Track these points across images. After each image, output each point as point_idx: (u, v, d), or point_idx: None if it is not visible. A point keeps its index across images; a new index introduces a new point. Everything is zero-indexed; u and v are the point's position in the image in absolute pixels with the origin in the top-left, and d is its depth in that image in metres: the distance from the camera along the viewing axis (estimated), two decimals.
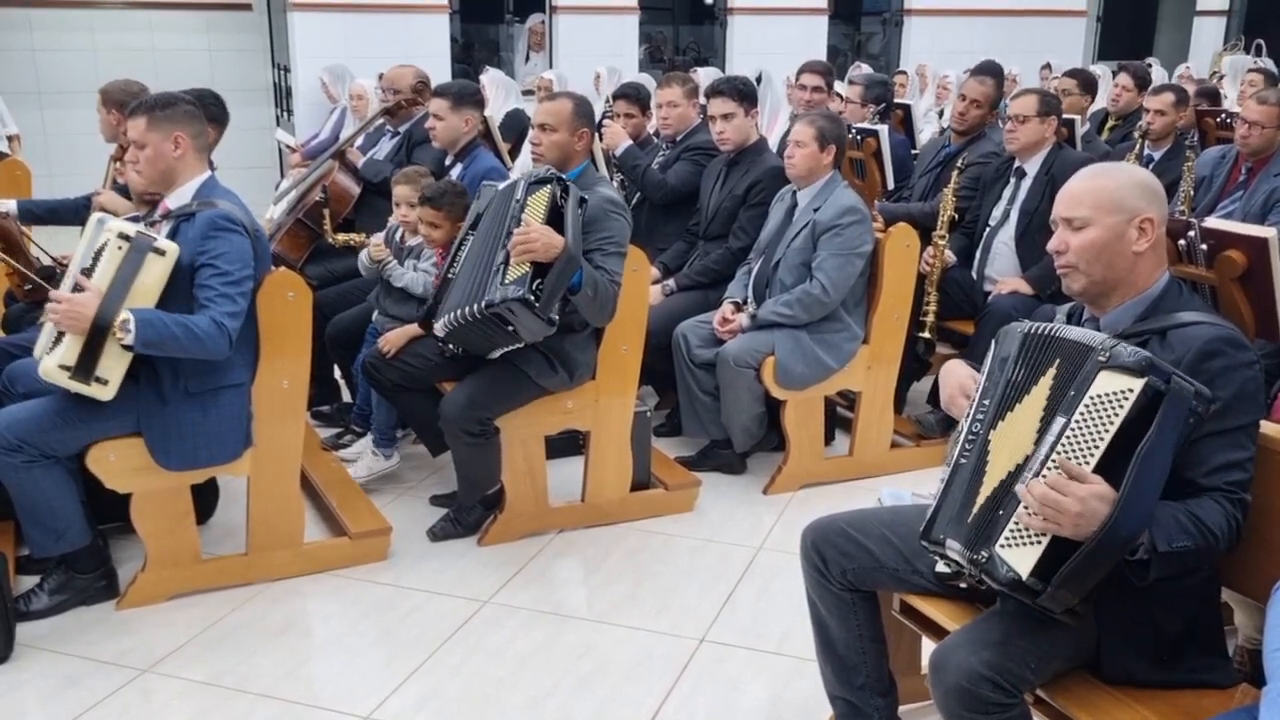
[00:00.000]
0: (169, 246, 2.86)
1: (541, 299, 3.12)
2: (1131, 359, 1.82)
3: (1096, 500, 1.78)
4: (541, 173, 3.32)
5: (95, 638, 2.98)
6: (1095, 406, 1.83)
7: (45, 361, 2.85)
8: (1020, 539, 1.86)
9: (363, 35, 8.44)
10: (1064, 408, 1.87)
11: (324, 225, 4.51)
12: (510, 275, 3.15)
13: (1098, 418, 1.83)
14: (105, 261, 2.82)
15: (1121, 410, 1.81)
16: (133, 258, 2.81)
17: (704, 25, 12.40)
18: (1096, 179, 2.07)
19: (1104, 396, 1.83)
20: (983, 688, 1.88)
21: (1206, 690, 1.99)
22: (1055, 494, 1.79)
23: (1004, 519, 1.89)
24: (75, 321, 2.78)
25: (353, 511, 3.53)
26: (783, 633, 3.05)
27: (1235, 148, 4.58)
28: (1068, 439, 1.84)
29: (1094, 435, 1.83)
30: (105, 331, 2.78)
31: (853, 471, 4.10)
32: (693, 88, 4.75)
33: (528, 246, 3.12)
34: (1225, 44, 11.98)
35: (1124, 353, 1.83)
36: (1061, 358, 1.93)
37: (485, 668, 2.89)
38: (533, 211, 3.21)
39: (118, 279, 2.80)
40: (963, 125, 4.79)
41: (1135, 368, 1.82)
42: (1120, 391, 1.82)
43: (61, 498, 2.96)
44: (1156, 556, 1.81)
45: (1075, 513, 1.78)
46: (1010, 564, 1.85)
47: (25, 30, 8.92)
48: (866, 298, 3.96)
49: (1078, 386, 1.86)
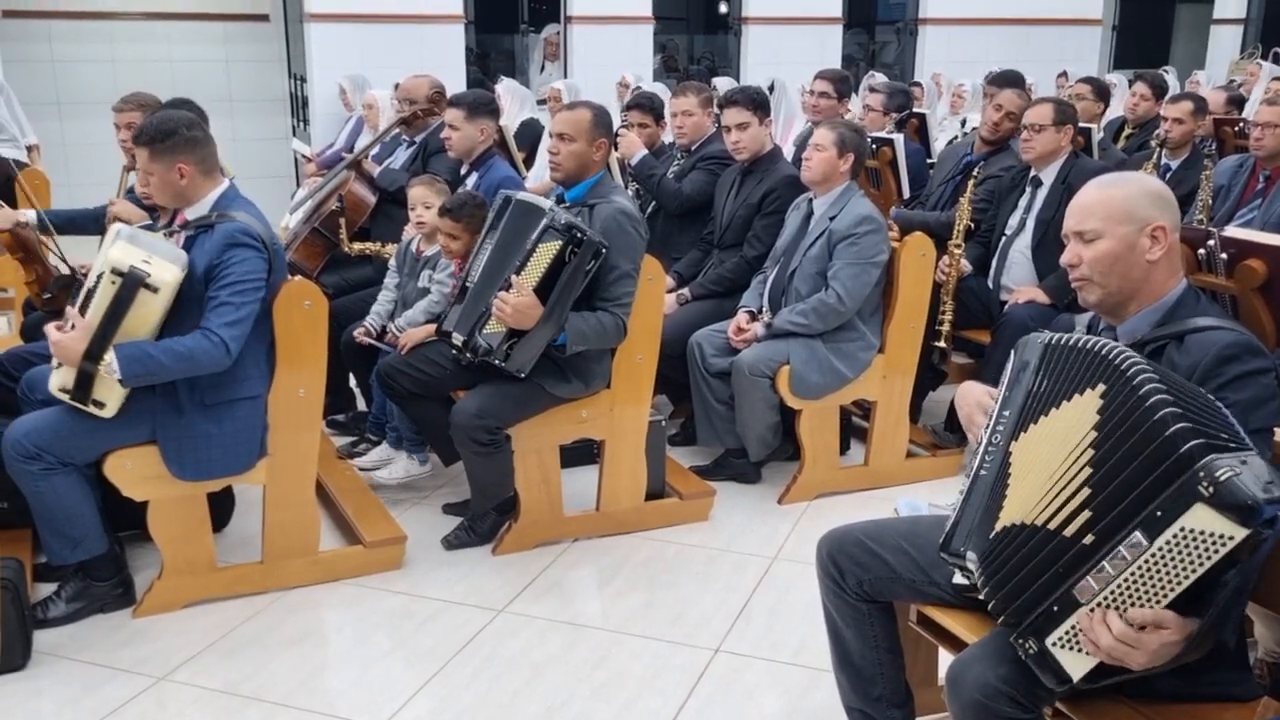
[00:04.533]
0: (164, 280, 2.83)
1: (510, 359, 3.29)
2: (1238, 504, 1.57)
3: (1169, 646, 1.71)
4: (563, 220, 3.25)
5: (112, 645, 2.99)
6: (1184, 542, 1.64)
7: (51, 378, 2.93)
8: (1077, 645, 1.77)
9: (379, 45, 8.48)
10: (1145, 524, 1.66)
11: (340, 234, 4.53)
12: (489, 327, 3.32)
13: (1184, 556, 1.64)
14: (98, 297, 2.82)
15: (1215, 555, 1.63)
16: (124, 294, 2.80)
17: (718, 35, 12.42)
18: (1105, 190, 2.06)
19: (1197, 535, 1.63)
20: (1000, 703, 1.86)
21: (1227, 704, 1.96)
22: (1124, 648, 1.70)
23: (1059, 617, 1.77)
24: (65, 358, 2.84)
25: (368, 520, 3.54)
26: (798, 643, 3.03)
27: (1253, 156, 4.55)
28: (1144, 567, 1.68)
29: (1175, 573, 1.66)
30: (93, 368, 2.82)
31: (868, 481, 4.09)
32: (708, 97, 4.75)
33: (501, 315, 3.24)
34: (1242, 52, 11.92)
35: (1231, 494, 1.58)
36: (1108, 385, 1.77)
37: (500, 677, 2.88)
38: (535, 264, 3.24)
39: (109, 316, 2.81)
40: (994, 135, 4.73)
41: (1240, 512, 1.58)
42: (1219, 536, 1.61)
43: (79, 505, 2.97)
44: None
45: (1147, 659, 1.71)
46: (1064, 666, 1.77)
47: (45, 41, 9.00)
48: (882, 307, 3.95)
49: (1166, 507, 1.64)
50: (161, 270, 2.83)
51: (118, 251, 2.80)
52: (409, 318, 3.83)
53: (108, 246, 2.95)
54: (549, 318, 3.25)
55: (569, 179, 3.56)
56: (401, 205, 4.26)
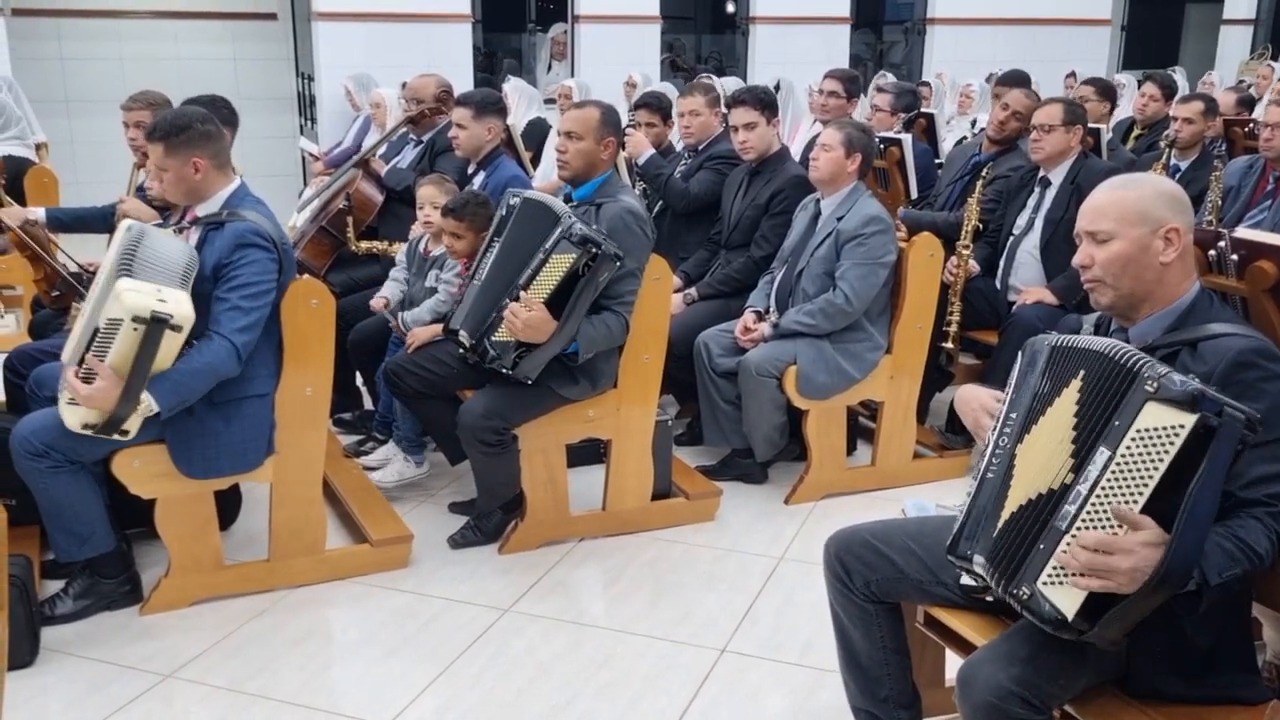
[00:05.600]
0: (185, 315, 2.75)
1: (518, 368, 3.28)
2: (1182, 392, 1.71)
3: (1148, 549, 1.72)
4: (579, 232, 3.19)
5: (119, 642, 2.99)
6: (1142, 442, 1.73)
7: (66, 417, 2.82)
8: (1063, 577, 1.79)
9: (386, 44, 8.50)
10: (1108, 439, 1.77)
11: (347, 233, 4.54)
12: (499, 335, 3.28)
13: (1145, 455, 1.73)
14: (122, 343, 2.73)
15: (1171, 448, 1.71)
16: (150, 339, 2.73)
17: (725, 34, 12.41)
18: (1119, 191, 2.05)
19: (1152, 432, 1.72)
20: (1011, 704, 1.85)
21: (1236, 706, 1.96)
22: (1104, 557, 1.73)
23: (1045, 554, 1.81)
24: (99, 408, 2.78)
25: (374, 519, 3.54)
26: (804, 644, 3.03)
27: (1263, 157, 4.54)
28: (1113, 476, 1.76)
29: (1141, 474, 1.73)
30: (129, 410, 2.79)
31: (875, 482, 4.08)
32: (715, 97, 4.74)
33: (511, 328, 3.22)
34: (1252, 53, 11.88)
35: (1174, 385, 1.72)
36: (1086, 369, 1.87)
37: (505, 676, 2.88)
38: (548, 275, 3.22)
39: (139, 362, 2.74)
40: (1001, 135, 4.73)
41: (1186, 401, 1.70)
42: (1171, 428, 1.71)
43: (86, 503, 2.98)
44: (1208, 589, 1.76)
45: (1127, 568, 1.72)
46: (1055, 603, 1.79)
47: (54, 40, 9.04)
48: (889, 307, 3.94)
49: (1122, 416, 1.76)
50: (177, 305, 2.76)
51: (132, 297, 2.69)
52: (415, 317, 3.83)
53: (116, 242, 2.95)
54: (560, 331, 3.24)
55: (576, 178, 3.56)
56: (409, 204, 4.27)
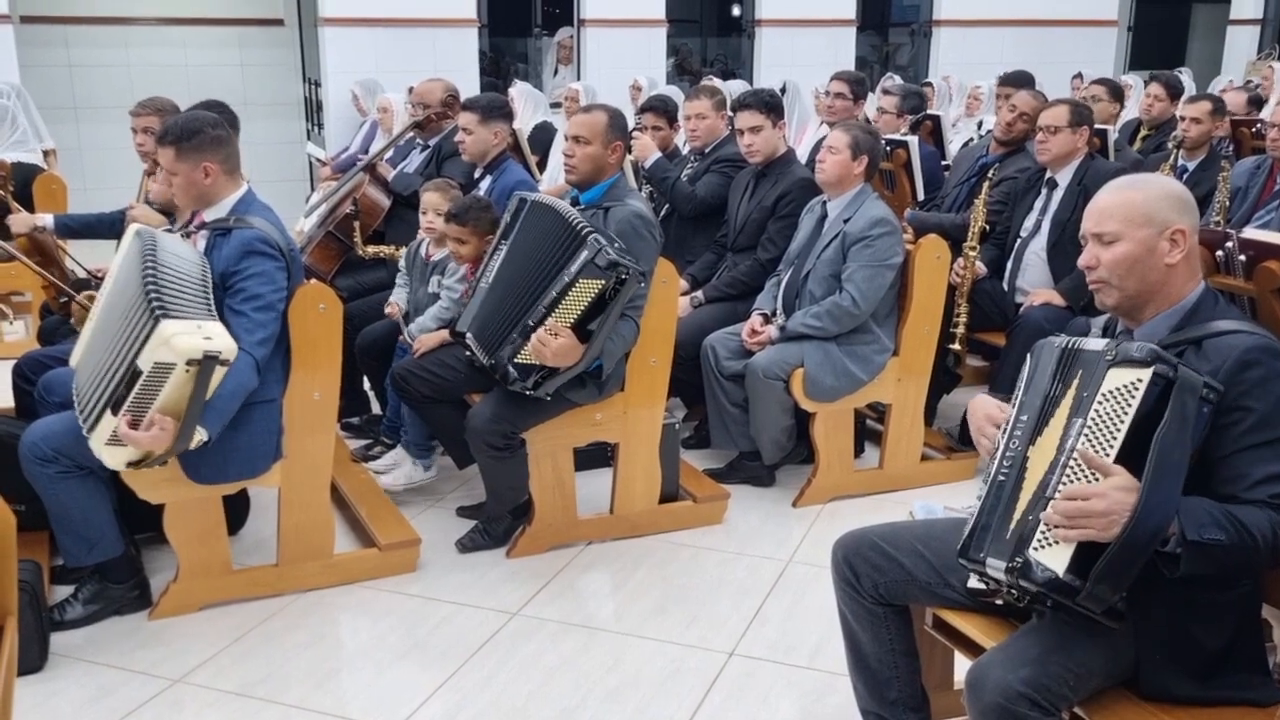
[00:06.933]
0: (230, 348, 2.73)
1: (539, 389, 3.24)
2: (1138, 352, 1.85)
3: (1120, 492, 1.79)
4: (609, 258, 3.10)
5: (128, 647, 3.00)
6: (1108, 402, 1.85)
7: (107, 457, 2.77)
8: (1051, 540, 1.85)
9: (392, 49, 8.52)
10: (1079, 411, 1.89)
11: (354, 238, 4.54)
12: (522, 358, 3.22)
13: (1112, 412, 1.85)
14: (173, 388, 2.67)
15: (1134, 401, 1.83)
16: (203, 378, 2.69)
17: (731, 37, 12.41)
18: (1124, 192, 2.05)
19: (1115, 391, 1.85)
20: (1021, 705, 1.85)
21: (1247, 708, 1.95)
22: (1078, 502, 1.80)
23: (1034, 524, 1.89)
24: (160, 451, 2.75)
25: (382, 523, 3.54)
26: (813, 647, 3.02)
27: (1270, 157, 4.52)
28: (1085, 437, 1.86)
29: (1110, 429, 1.84)
30: (184, 449, 2.78)
31: (882, 484, 4.08)
32: (721, 100, 4.75)
33: (540, 355, 3.17)
34: (1259, 53, 11.84)
35: (1130, 348, 1.87)
36: (1084, 369, 1.94)
37: (514, 680, 2.88)
38: (575, 300, 3.14)
39: (195, 402, 2.70)
40: (1008, 136, 4.72)
41: (1142, 359, 1.84)
42: (1130, 384, 1.84)
43: (95, 508, 2.98)
44: (1187, 546, 1.79)
45: (1102, 510, 1.78)
46: (1045, 564, 1.84)
47: (62, 46, 9.07)
48: (897, 309, 3.94)
49: (1091, 389, 1.89)
50: (222, 339, 2.72)
51: (183, 341, 2.64)
52: (421, 324, 3.83)
53: (124, 247, 2.96)
54: (586, 354, 3.22)
55: (584, 181, 3.56)
56: (416, 209, 4.27)
